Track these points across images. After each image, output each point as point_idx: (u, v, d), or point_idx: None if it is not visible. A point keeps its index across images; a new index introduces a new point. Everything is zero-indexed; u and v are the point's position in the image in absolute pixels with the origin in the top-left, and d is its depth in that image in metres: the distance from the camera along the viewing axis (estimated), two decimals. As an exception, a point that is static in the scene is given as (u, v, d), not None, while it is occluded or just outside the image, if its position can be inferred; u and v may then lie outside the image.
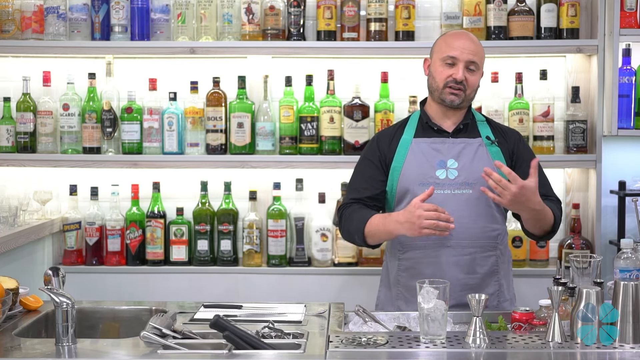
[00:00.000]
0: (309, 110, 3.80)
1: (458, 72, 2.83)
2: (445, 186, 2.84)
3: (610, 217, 3.90)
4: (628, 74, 3.71)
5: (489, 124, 2.99)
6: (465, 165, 2.86)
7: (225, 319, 2.25)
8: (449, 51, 2.85)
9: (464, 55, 2.83)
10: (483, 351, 2.22)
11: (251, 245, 3.83)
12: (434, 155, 2.88)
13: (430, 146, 2.90)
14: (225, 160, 3.80)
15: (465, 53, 2.83)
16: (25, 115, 3.84)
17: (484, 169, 2.67)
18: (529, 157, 2.90)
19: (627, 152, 3.93)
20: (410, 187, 2.86)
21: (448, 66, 2.85)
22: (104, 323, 2.76)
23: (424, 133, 2.93)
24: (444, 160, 2.87)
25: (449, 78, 2.84)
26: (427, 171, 2.86)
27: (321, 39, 3.80)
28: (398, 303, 2.92)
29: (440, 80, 2.86)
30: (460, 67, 2.83)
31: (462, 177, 2.85)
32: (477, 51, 2.87)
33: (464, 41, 2.86)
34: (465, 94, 2.86)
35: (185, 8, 3.81)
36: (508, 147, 2.94)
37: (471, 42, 2.87)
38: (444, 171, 2.86)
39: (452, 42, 2.86)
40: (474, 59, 2.85)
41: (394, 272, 2.95)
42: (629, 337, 2.25)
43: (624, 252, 2.54)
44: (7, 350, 2.26)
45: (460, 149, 2.89)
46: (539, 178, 2.80)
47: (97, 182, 3.92)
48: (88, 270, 3.85)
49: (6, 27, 3.83)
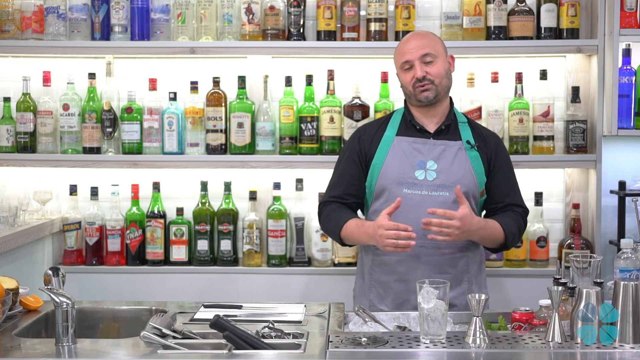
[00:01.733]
0: (309, 110, 3.80)
1: (417, 71, 2.91)
2: (423, 187, 2.89)
3: (610, 217, 3.90)
4: (628, 74, 3.71)
5: (470, 126, 3.03)
6: (445, 168, 2.91)
7: (225, 319, 2.25)
8: (402, 57, 2.96)
9: (415, 53, 2.92)
10: (483, 351, 2.22)
11: (251, 245, 3.83)
12: (415, 155, 2.93)
13: (412, 145, 2.95)
14: (225, 160, 3.80)
15: (415, 51, 2.92)
16: (25, 115, 3.84)
17: (422, 221, 2.74)
18: (505, 165, 3.02)
19: (627, 152, 3.93)
20: (388, 186, 2.92)
21: (408, 70, 2.95)
22: (104, 323, 2.76)
23: (407, 131, 2.99)
24: (423, 161, 2.92)
25: (412, 80, 2.93)
26: (406, 171, 2.91)
27: (321, 39, 3.80)
28: (370, 296, 2.99)
29: (408, 85, 2.95)
30: (417, 65, 2.91)
31: (441, 179, 2.90)
32: (426, 44, 2.94)
33: (411, 42, 2.96)
34: (435, 86, 2.92)
35: (185, 8, 3.81)
36: (487, 152, 2.99)
37: (419, 39, 2.97)
38: (422, 172, 2.91)
39: (403, 48, 2.97)
40: (426, 50, 2.92)
41: (368, 264, 3.03)
42: (629, 337, 2.25)
43: (624, 252, 2.54)
44: (7, 350, 2.26)
45: (441, 151, 2.94)
46: (509, 185, 2.99)
47: (97, 182, 3.93)
48: (88, 270, 3.85)
49: (6, 27, 3.83)
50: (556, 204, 3.96)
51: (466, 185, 2.91)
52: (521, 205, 3.03)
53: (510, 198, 3.00)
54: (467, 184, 2.91)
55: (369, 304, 2.95)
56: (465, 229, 2.75)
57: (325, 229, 3.06)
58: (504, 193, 3.00)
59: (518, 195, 3.04)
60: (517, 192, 3.04)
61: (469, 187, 2.92)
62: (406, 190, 2.89)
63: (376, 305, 2.94)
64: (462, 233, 2.76)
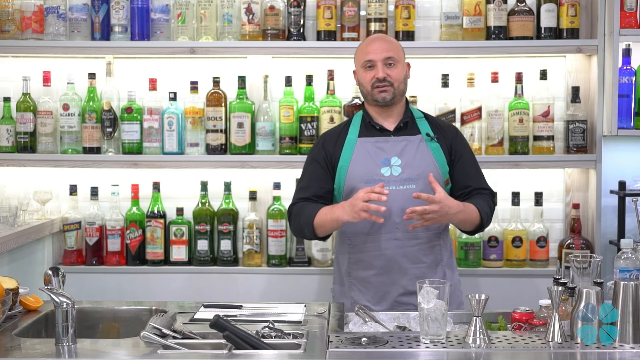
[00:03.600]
0: (309, 110, 3.80)
1: (378, 71, 3.00)
2: (390, 182, 2.97)
3: (610, 217, 3.90)
4: (628, 74, 3.71)
5: (427, 120, 3.13)
6: (409, 162, 3.01)
7: (225, 319, 2.25)
8: (365, 56, 3.04)
9: (379, 55, 3.01)
10: (483, 351, 2.22)
11: (251, 245, 3.83)
12: (378, 153, 3.02)
13: (375, 145, 3.04)
14: (225, 160, 3.80)
15: (379, 52, 3.01)
16: (25, 115, 3.84)
17: (406, 210, 2.82)
18: (466, 152, 3.12)
19: (627, 152, 3.93)
20: (356, 185, 2.98)
21: (369, 69, 3.03)
22: (104, 323, 2.76)
23: (368, 132, 3.08)
24: (387, 158, 3.01)
25: (373, 79, 3.02)
26: (372, 169, 3.00)
27: (321, 39, 3.80)
28: (351, 294, 3.05)
29: (367, 84, 3.04)
30: (379, 66, 3.00)
31: (406, 173, 2.99)
32: (390, 48, 3.03)
33: (376, 44, 3.05)
34: (393, 88, 3.02)
35: (185, 8, 3.81)
36: (446, 142, 3.08)
37: (384, 42, 3.06)
38: (388, 168, 3.00)
39: (367, 48, 3.06)
40: (389, 54, 3.01)
41: (344, 265, 3.09)
42: (629, 337, 2.25)
43: (624, 252, 2.54)
44: (7, 350, 2.26)
45: (403, 147, 3.03)
46: (472, 170, 3.11)
47: (97, 182, 3.93)
48: (88, 270, 3.85)
49: (6, 27, 3.83)
50: (556, 204, 3.96)
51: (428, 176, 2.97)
52: (487, 188, 3.13)
53: (475, 182, 3.10)
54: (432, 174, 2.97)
55: (351, 301, 3.01)
56: (445, 212, 2.83)
57: (296, 223, 3.06)
58: (468, 179, 3.09)
59: (482, 180, 3.13)
60: (480, 177, 3.13)
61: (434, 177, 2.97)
62: None
63: (358, 302, 2.97)
64: (443, 216, 2.85)
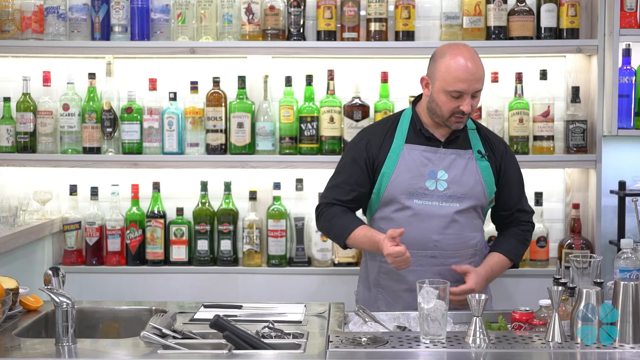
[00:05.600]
0: (309, 110, 3.80)
1: (466, 105, 2.77)
2: (433, 197, 2.86)
3: (610, 217, 3.90)
4: (628, 74, 3.71)
5: (479, 133, 2.98)
6: (455, 178, 2.87)
7: (225, 319, 2.25)
8: (456, 85, 2.76)
9: (471, 86, 2.76)
10: (483, 351, 2.22)
11: (251, 245, 3.83)
12: (425, 164, 2.88)
13: (422, 154, 2.89)
14: (225, 160, 3.80)
15: (472, 83, 2.76)
16: (25, 115, 3.84)
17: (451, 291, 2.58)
18: (513, 171, 3.00)
19: (627, 152, 3.93)
20: (397, 196, 2.87)
21: (454, 99, 2.78)
22: (104, 323, 2.76)
23: (416, 139, 2.91)
24: (434, 170, 2.87)
25: (455, 109, 2.79)
26: (416, 181, 2.86)
27: (321, 39, 3.80)
28: (378, 303, 2.95)
29: (447, 111, 2.81)
30: (467, 100, 2.78)
31: (451, 189, 2.86)
32: (481, 76, 2.79)
33: (469, 71, 2.75)
34: (468, 116, 2.85)
35: (185, 8, 3.81)
36: (496, 161, 2.96)
37: (476, 69, 2.77)
38: (434, 182, 2.86)
39: (458, 74, 2.75)
40: (479, 86, 2.79)
41: (374, 272, 2.98)
42: (629, 337, 2.25)
43: (624, 252, 2.54)
44: (7, 350, 2.26)
45: (451, 161, 2.89)
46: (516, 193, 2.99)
47: (97, 182, 3.92)
48: (88, 270, 3.85)
49: (6, 27, 3.82)
50: (556, 204, 3.96)
51: (475, 196, 2.89)
52: (528, 211, 3.04)
53: (519, 205, 3.01)
54: (477, 195, 2.89)
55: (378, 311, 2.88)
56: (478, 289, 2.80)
57: (326, 232, 3.00)
58: (513, 201, 3.00)
59: (525, 202, 3.04)
60: (523, 199, 3.04)
61: (479, 198, 2.90)
62: (416, 200, 2.86)
63: None
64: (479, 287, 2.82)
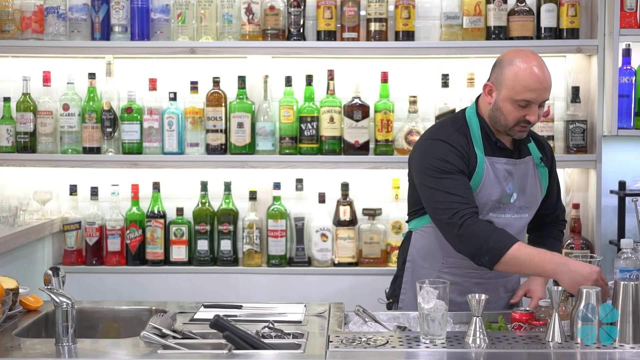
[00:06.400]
0: (309, 110, 3.80)
1: (534, 115, 2.65)
2: (507, 210, 2.75)
3: (610, 217, 3.90)
4: (628, 74, 3.71)
5: (531, 137, 2.85)
6: (523, 188, 2.77)
7: (225, 319, 2.25)
8: (525, 94, 2.62)
9: (539, 97, 2.64)
10: (483, 351, 2.22)
11: (251, 245, 3.83)
12: (506, 178, 2.74)
13: (504, 168, 2.74)
14: (225, 160, 3.80)
15: (541, 93, 2.63)
16: (25, 115, 3.84)
17: None
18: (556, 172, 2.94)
19: (627, 152, 3.93)
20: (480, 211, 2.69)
21: (521, 108, 2.65)
22: (104, 323, 2.76)
23: (493, 151, 2.75)
24: (512, 183, 2.75)
25: (521, 119, 2.66)
26: (498, 197, 2.72)
27: (321, 39, 3.80)
28: None
29: (512, 121, 2.67)
30: (534, 109, 2.65)
31: (521, 200, 2.76)
32: (550, 85, 2.67)
33: (539, 80, 2.62)
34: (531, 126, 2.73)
35: (185, 8, 3.81)
36: (547, 163, 2.86)
37: (545, 77, 2.63)
38: (509, 195, 2.75)
39: (529, 83, 2.61)
40: (547, 96, 2.67)
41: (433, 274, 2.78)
42: (629, 337, 2.25)
43: (624, 252, 2.53)
44: (7, 350, 2.26)
45: (524, 170, 2.78)
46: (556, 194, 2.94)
47: (97, 182, 3.92)
48: (88, 270, 3.85)
49: (6, 27, 3.82)
50: (556, 204, 3.96)
51: (538, 203, 2.82)
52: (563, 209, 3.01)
53: (558, 207, 2.97)
54: (538, 202, 2.82)
55: None
56: None
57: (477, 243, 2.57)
58: (554, 200, 2.95)
59: (561, 202, 3.00)
60: (560, 200, 2.99)
61: (539, 203, 2.83)
62: (492, 214, 2.73)
63: None
64: None
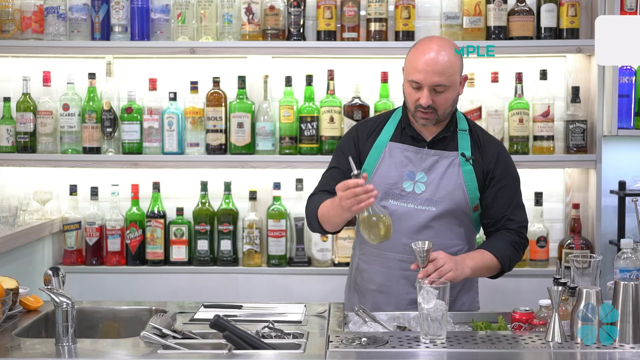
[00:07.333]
0: (309, 110, 3.80)
1: (424, 98, 2.63)
2: (409, 200, 2.73)
3: (610, 217, 3.90)
4: (628, 74, 3.71)
5: (470, 135, 2.80)
6: (434, 181, 2.73)
7: (225, 319, 2.25)
8: (414, 75, 2.63)
9: (427, 79, 2.61)
10: (483, 351, 2.22)
11: (251, 245, 3.83)
12: (405, 164, 2.75)
13: (403, 154, 2.76)
14: (225, 160, 3.80)
15: (429, 77, 2.61)
16: (25, 115, 3.84)
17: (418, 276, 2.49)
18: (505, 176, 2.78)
19: (627, 152, 3.93)
20: None
21: (414, 90, 2.66)
22: (104, 323, 2.76)
23: (401, 137, 2.78)
24: (413, 171, 2.74)
25: (417, 102, 2.66)
26: (394, 182, 2.74)
27: (321, 39, 3.80)
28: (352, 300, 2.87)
29: (411, 103, 2.69)
30: (425, 93, 2.63)
31: (428, 193, 2.73)
32: (443, 70, 2.61)
33: (428, 63, 2.61)
34: (437, 114, 2.68)
35: (185, 8, 3.81)
36: (483, 166, 2.77)
37: (438, 61, 2.61)
38: (411, 184, 2.74)
39: (417, 64, 2.62)
40: (439, 81, 2.61)
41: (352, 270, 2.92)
42: (629, 337, 2.25)
43: (624, 252, 2.54)
44: (7, 350, 2.26)
45: (433, 162, 2.75)
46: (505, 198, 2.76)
47: (97, 182, 3.93)
48: (88, 270, 3.85)
49: (6, 27, 3.83)
50: (556, 204, 3.96)
51: (456, 201, 2.74)
52: (517, 220, 2.80)
53: (507, 213, 2.78)
54: (457, 200, 2.74)
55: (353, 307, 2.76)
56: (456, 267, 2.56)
57: (307, 219, 2.83)
58: (500, 209, 2.78)
59: (517, 210, 2.80)
60: (515, 207, 2.80)
61: (459, 203, 2.75)
62: (392, 201, 2.73)
63: None
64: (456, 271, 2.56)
